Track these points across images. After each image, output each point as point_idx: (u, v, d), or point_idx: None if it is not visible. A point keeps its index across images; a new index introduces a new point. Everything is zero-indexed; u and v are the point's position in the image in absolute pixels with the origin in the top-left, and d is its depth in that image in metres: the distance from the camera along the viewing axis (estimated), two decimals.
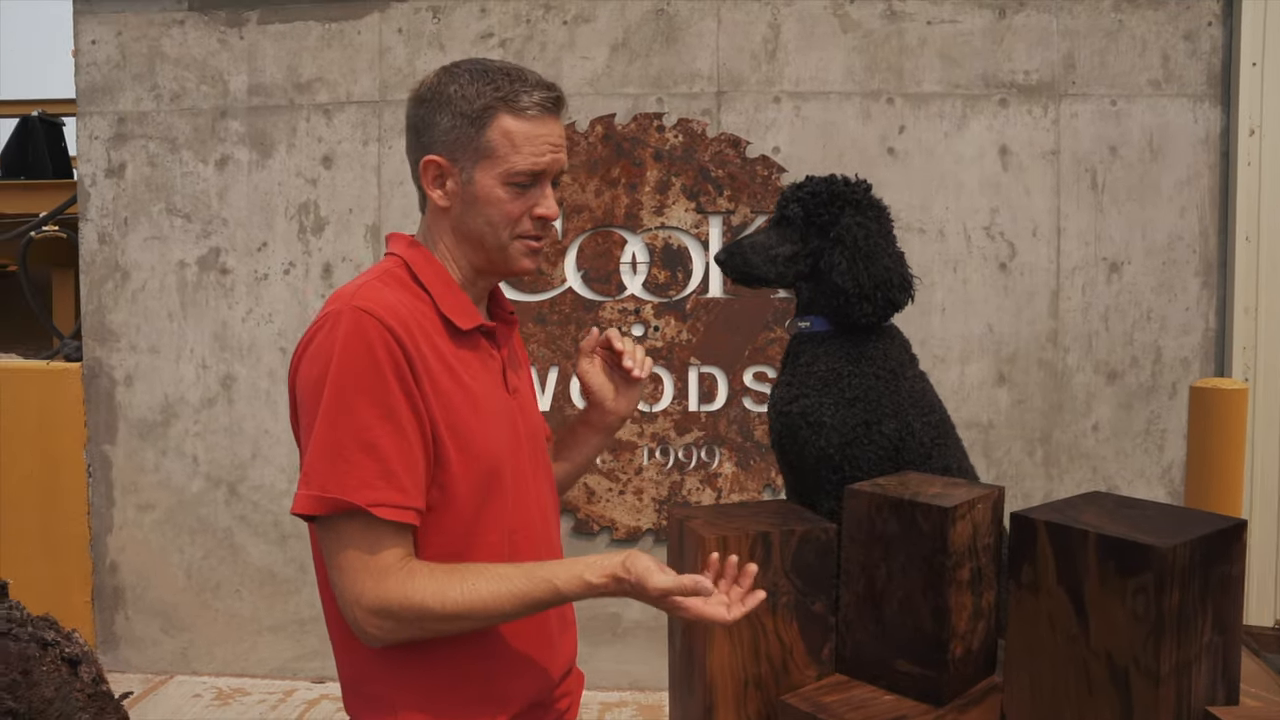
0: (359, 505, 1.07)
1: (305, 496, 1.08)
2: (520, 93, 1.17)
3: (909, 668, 1.19)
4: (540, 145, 1.19)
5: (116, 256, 3.26)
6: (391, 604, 1.08)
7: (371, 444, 1.07)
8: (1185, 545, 1.07)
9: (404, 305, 1.14)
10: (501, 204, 1.19)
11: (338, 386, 1.08)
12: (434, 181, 1.20)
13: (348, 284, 1.19)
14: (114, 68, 3.25)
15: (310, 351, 1.12)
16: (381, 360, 1.08)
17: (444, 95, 1.18)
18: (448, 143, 1.18)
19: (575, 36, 3.18)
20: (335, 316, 1.11)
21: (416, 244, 1.24)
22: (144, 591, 3.32)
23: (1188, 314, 3.15)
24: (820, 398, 1.48)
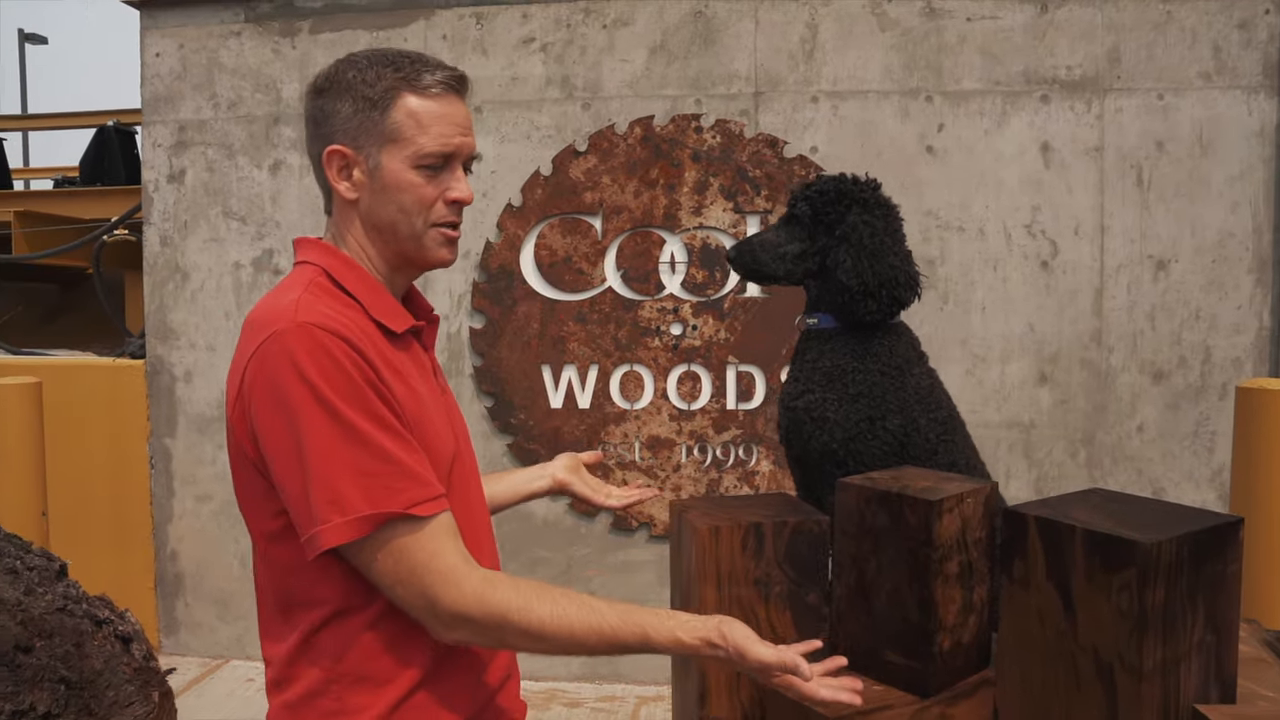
0: (397, 512, 1.03)
1: (339, 525, 1.02)
2: (421, 72, 1.13)
3: (897, 659, 1.21)
4: (448, 125, 1.14)
5: (177, 258, 3.41)
6: (473, 612, 1.04)
7: (379, 451, 1.03)
8: (1171, 541, 1.07)
9: (343, 316, 1.08)
10: (414, 188, 1.13)
11: (321, 407, 1.02)
12: (339, 173, 1.15)
13: (270, 299, 1.12)
14: (176, 79, 3.40)
15: (264, 379, 1.05)
16: (351, 371, 1.04)
17: (343, 82, 1.13)
18: (350, 130, 1.13)
19: (614, 40, 3.23)
20: (280, 338, 1.04)
21: (331, 248, 1.17)
22: (202, 579, 3.47)
23: (1240, 313, 3.06)
24: (825, 393, 1.50)
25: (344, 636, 1.10)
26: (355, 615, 1.10)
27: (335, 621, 1.10)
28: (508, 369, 3.33)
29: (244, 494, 1.14)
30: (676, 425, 3.29)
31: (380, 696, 1.10)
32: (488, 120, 3.28)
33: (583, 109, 3.25)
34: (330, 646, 1.10)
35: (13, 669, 1.61)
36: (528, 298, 3.30)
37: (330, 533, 1.02)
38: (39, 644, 1.67)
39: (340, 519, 1.02)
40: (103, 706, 1.66)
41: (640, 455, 3.29)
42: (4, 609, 1.68)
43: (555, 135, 3.26)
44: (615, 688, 3.29)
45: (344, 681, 1.10)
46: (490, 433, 3.31)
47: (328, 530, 1.02)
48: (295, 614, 1.11)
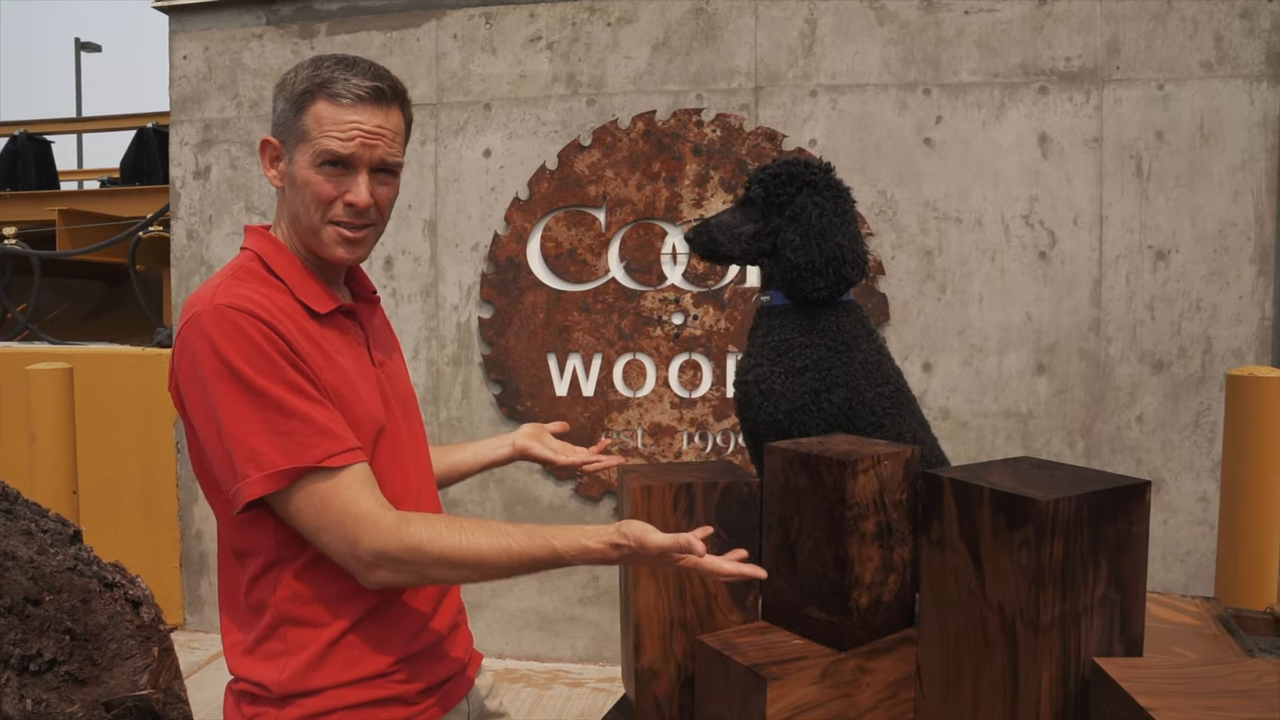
0: (310, 465, 1.11)
1: (255, 481, 1.10)
2: (338, 79, 1.20)
3: (817, 614, 1.26)
4: (349, 129, 1.20)
5: (202, 252, 3.56)
6: (391, 548, 1.11)
7: (289, 411, 1.11)
8: (1070, 500, 1.12)
9: (262, 296, 1.17)
10: (312, 185, 1.21)
11: (232, 377, 1.11)
12: (271, 162, 1.26)
13: (203, 286, 1.22)
14: (201, 79, 3.55)
15: (186, 358, 1.14)
16: (261, 343, 1.12)
17: (284, 81, 1.24)
18: (279, 125, 1.24)
19: (619, 37, 3.31)
20: (198, 319, 1.13)
21: (267, 235, 1.28)
22: None
23: (1241, 303, 3.05)
24: (772, 367, 1.57)
25: (280, 583, 1.20)
26: (289, 564, 1.20)
27: (273, 570, 1.20)
28: (515, 357, 3.42)
29: (195, 463, 1.24)
30: (678, 413, 3.35)
31: (318, 636, 1.20)
32: (496, 117, 3.37)
33: (587, 105, 3.34)
34: (269, 593, 1.20)
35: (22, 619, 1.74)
36: (534, 288, 3.40)
37: (250, 486, 1.11)
38: (48, 598, 1.80)
39: (258, 473, 1.11)
40: (105, 657, 1.78)
41: (642, 442, 3.36)
42: (17, 565, 1.81)
43: (561, 130, 3.35)
44: (616, 669, 3.36)
45: (285, 624, 1.20)
46: (498, 419, 3.41)
47: (248, 484, 1.11)
48: (238, 568, 1.23)
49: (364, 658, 1.22)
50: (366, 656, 1.22)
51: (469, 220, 3.40)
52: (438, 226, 3.42)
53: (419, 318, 3.45)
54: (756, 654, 1.23)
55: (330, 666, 1.20)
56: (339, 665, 1.20)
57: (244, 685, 1.23)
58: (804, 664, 1.21)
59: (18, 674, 1.64)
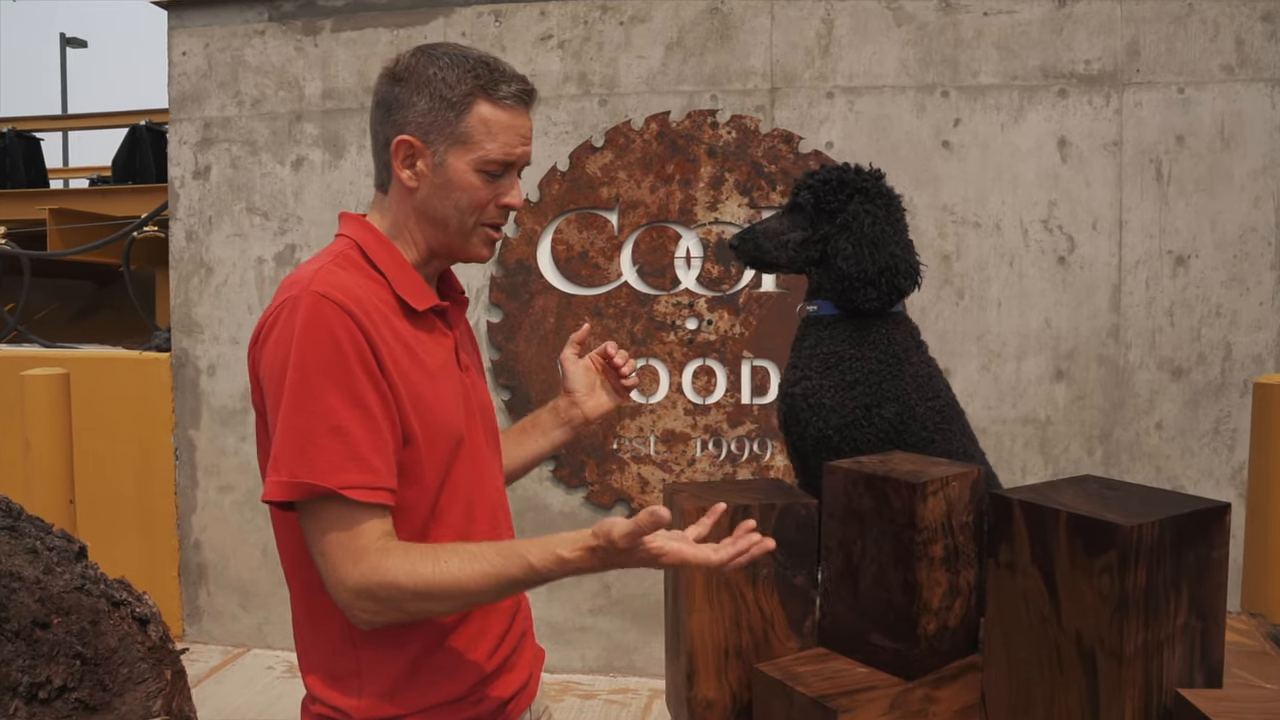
0: (330, 489, 1.07)
1: (275, 483, 1.08)
2: (499, 82, 1.19)
3: (882, 641, 1.21)
4: (514, 136, 1.21)
5: (201, 253, 3.48)
6: (370, 583, 1.07)
7: (339, 428, 1.07)
8: (1153, 525, 1.07)
9: (360, 287, 1.15)
10: (472, 190, 1.20)
11: (302, 373, 1.08)
12: (404, 161, 1.20)
13: (302, 266, 1.20)
14: (201, 77, 3.47)
15: (273, 338, 1.12)
16: (344, 345, 1.09)
17: (423, 76, 1.18)
18: (423, 124, 1.19)
19: (631, 36, 3.25)
20: (294, 302, 1.11)
21: (368, 225, 1.24)
22: (224, 568, 3.54)
23: (1261, 309, 3.02)
24: (821, 380, 1.51)
25: None
26: None
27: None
28: (525, 362, 3.36)
29: (260, 448, 1.21)
30: (691, 419, 3.30)
31: (395, 658, 1.17)
32: None
33: (599, 105, 3.28)
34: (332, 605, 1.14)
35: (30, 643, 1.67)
36: (544, 292, 3.33)
37: (270, 487, 1.09)
38: (56, 620, 1.72)
39: (276, 478, 1.08)
40: (116, 682, 1.71)
41: (655, 449, 3.31)
42: (23, 586, 1.73)
43: (572, 131, 3.29)
44: (629, 680, 3.31)
45: (360, 644, 1.17)
46: (507, 425, 3.34)
47: (269, 484, 1.09)
48: (309, 578, 1.17)
49: (444, 680, 1.19)
50: (446, 679, 1.19)
51: None
52: None
53: None
54: (820, 684, 1.18)
55: (410, 692, 1.17)
56: (419, 690, 1.17)
57: (321, 709, 1.20)
58: (873, 694, 1.15)
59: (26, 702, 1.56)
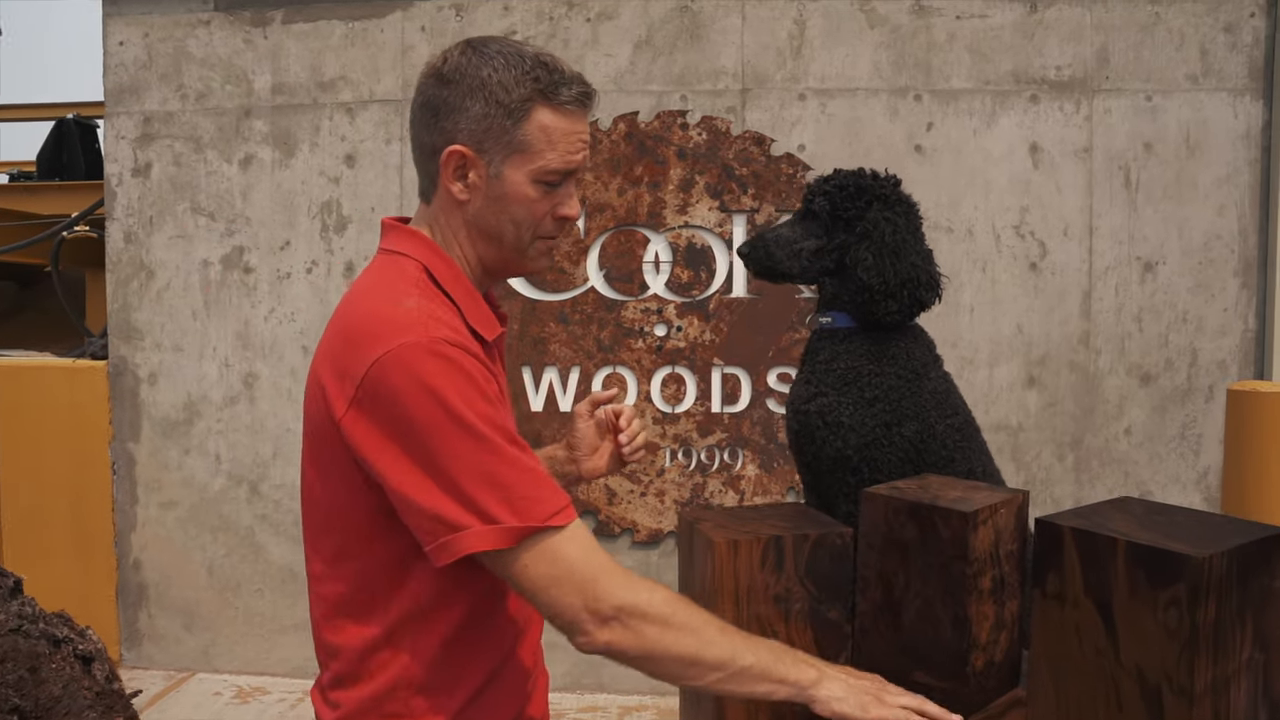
0: (540, 525, 1.02)
1: (485, 533, 1.00)
2: (559, 85, 1.09)
3: (928, 680, 1.14)
4: (575, 143, 1.12)
5: (142, 255, 3.28)
6: (640, 603, 1.03)
7: (514, 462, 1.03)
8: (1222, 555, 1.02)
9: (456, 325, 1.08)
10: (529, 203, 1.12)
11: (454, 419, 1.00)
12: (455, 173, 1.11)
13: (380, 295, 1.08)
14: (141, 68, 3.27)
15: (392, 390, 1.01)
16: (481, 386, 1.03)
17: (476, 79, 1.08)
18: (476, 132, 1.09)
19: (598, 33, 3.15)
20: (413, 351, 1.01)
21: (430, 244, 1.15)
22: (166, 589, 3.34)
23: (1225, 315, 3.06)
24: (839, 397, 1.44)
25: (421, 637, 1.10)
26: (437, 617, 1.10)
27: (409, 626, 1.10)
28: None
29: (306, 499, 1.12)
30: (660, 429, 3.22)
31: (443, 704, 1.12)
32: None
33: None
34: (407, 644, 1.10)
35: None
36: (508, 297, 3.21)
37: (472, 539, 1.01)
38: None
39: (483, 526, 1.01)
40: None
41: None
42: None
43: None
44: (597, 697, 3.21)
45: (411, 686, 1.11)
46: None
47: (469, 536, 1.01)
48: (377, 608, 1.11)
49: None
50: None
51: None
52: None
53: None
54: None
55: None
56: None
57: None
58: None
59: None
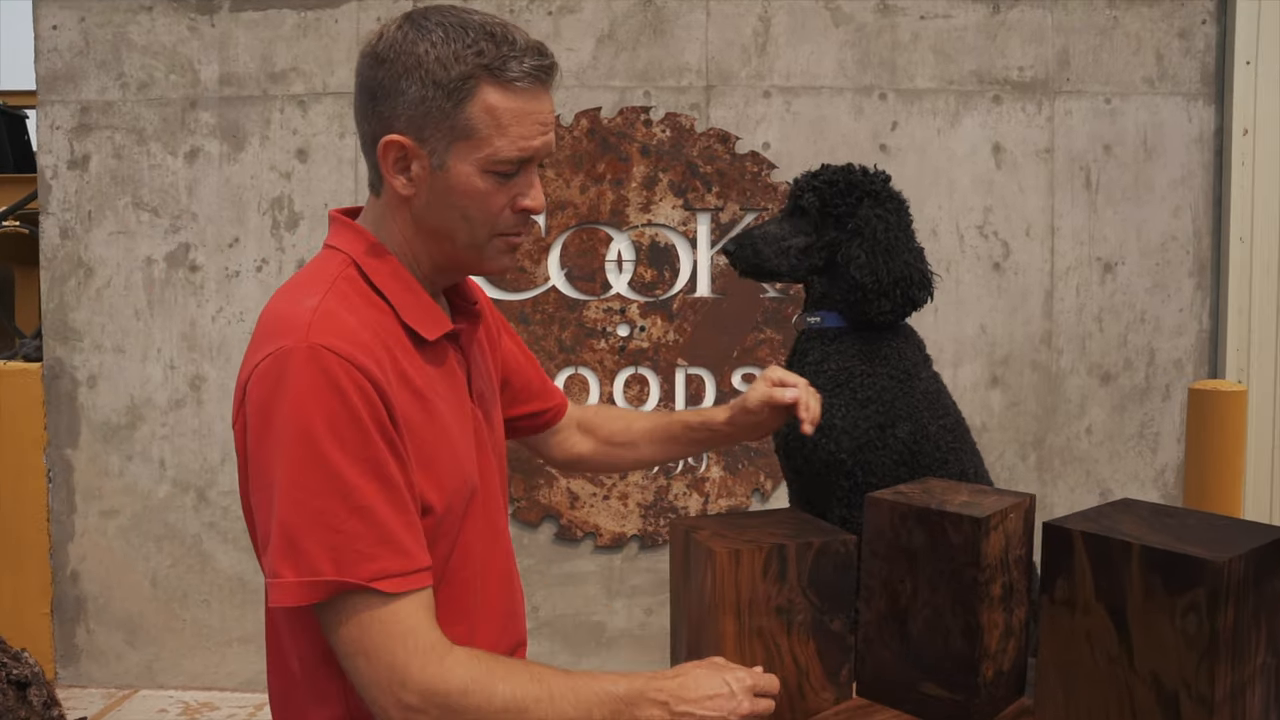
0: (360, 583, 0.90)
1: (296, 585, 0.89)
2: (508, 59, 0.97)
3: (937, 691, 1.10)
4: (530, 126, 0.99)
5: (79, 252, 3.12)
6: (450, 690, 0.91)
7: (362, 507, 0.90)
8: (1240, 559, 1.00)
9: (366, 327, 0.96)
10: (482, 196, 1.00)
11: (309, 444, 0.89)
12: (395, 165, 1.00)
13: (288, 296, 0.99)
14: (77, 55, 3.11)
15: (261, 399, 0.92)
16: (358, 408, 0.90)
17: (412, 57, 0.96)
18: (415, 118, 0.97)
19: (560, 27, 3.09)
20: (287, 356, 0.91)
21: (366, 237, 1.04)
22: (107, 602, 3.18)
23: (1181, 315, 3.11)
24: (831, 399, 1.40)
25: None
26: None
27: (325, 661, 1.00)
28: None
29: (244, 504, 1.01)
30: None
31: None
32: None
33: None
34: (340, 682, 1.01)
35: None
36: None
37: (282, 590, 0.90)
38: None
39: (296, 578, 0.89)
40: None
41: None
42: None
43: None
44: None
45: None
46: None
47: (279, 586, 0.90)
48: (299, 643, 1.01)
49: None
50: None
51: None
52: None
53: None
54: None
55: None
56: None
57: None
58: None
59: None
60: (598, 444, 1.40)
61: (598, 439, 1.41)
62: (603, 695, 0.96)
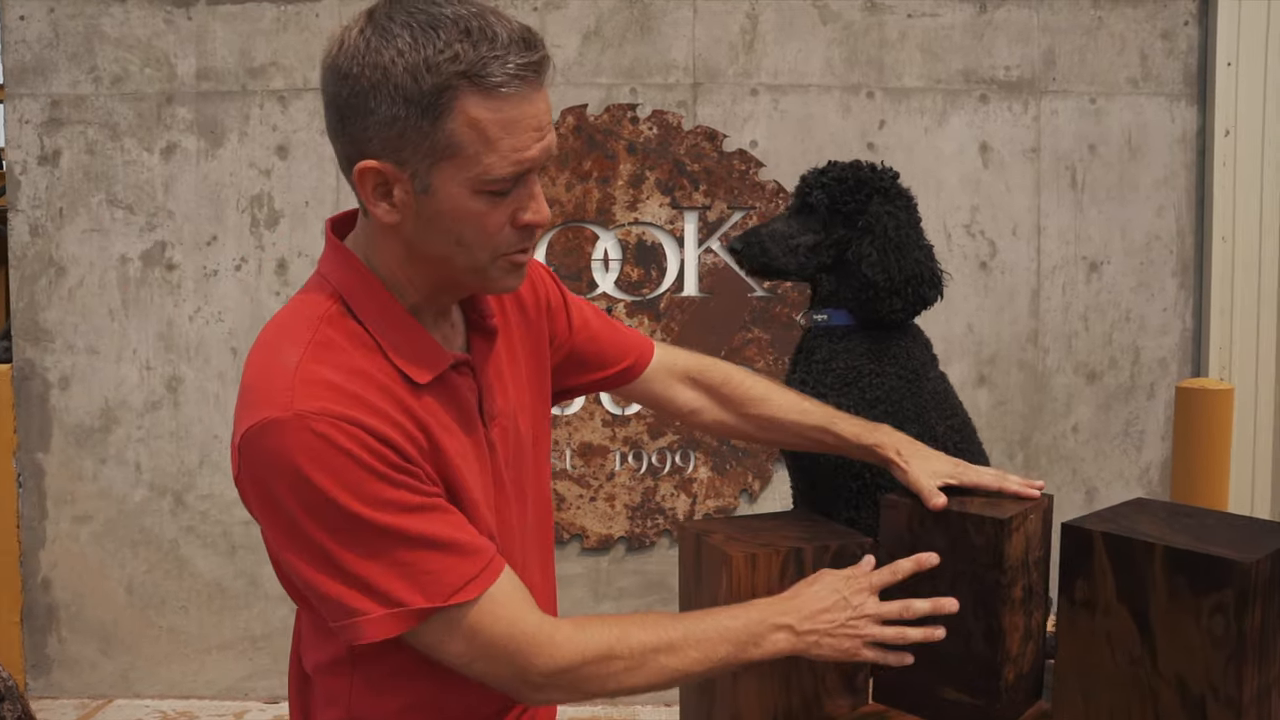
0: (446, 604, 0.88)
1: (385, 618, 0.87)
2: (489, 62, 0.84)
3: (957, 696, 1.09)
4: (523, 135, 0.87)
5: (51, 250, 3.04)
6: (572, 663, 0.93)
7: (414, 538, 0.87)
8: (1267, 559, 0.98)
9: (354, 378, 0.88)
10: (476, 218, 0.89)
11: (334, 508, 0.85)
12: (375, 192, 0.89)
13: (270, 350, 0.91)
14: (46, 47, 3.03)
15: (258, 474, 0.87)
16: (363, 458, 0.85)
17: (377, 69, 0.84)
18: (389, 139, 0.86)
19: (546, 23, 3.05)
20: (277, 433, 0.84)
21: (355, 265, 0.96)
22: (80, 610, 3.10)
23: (1165, 314, 3.13)
24: (839, 398, 1.38)
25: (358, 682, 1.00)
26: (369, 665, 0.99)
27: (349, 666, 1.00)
28: None
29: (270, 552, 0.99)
30: (610, 431, 3.13)
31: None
32: None
33: None
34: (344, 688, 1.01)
35: None
36: None
37: (373, 625, 0.88)
38: None
39: (383, 610, 0.87)
40: None
41: (571, 463, 3.12)
42: None
43: None
44: None
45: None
46: None
47: (369, 622, 0.88)
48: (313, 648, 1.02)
49: None
50: None
51: None
52: None
53: None
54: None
55: None
56: None
57: None
58: None
59: None
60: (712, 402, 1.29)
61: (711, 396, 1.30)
62: (723, 632, 0.98)
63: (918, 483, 1.13)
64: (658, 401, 1.29)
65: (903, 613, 1.06)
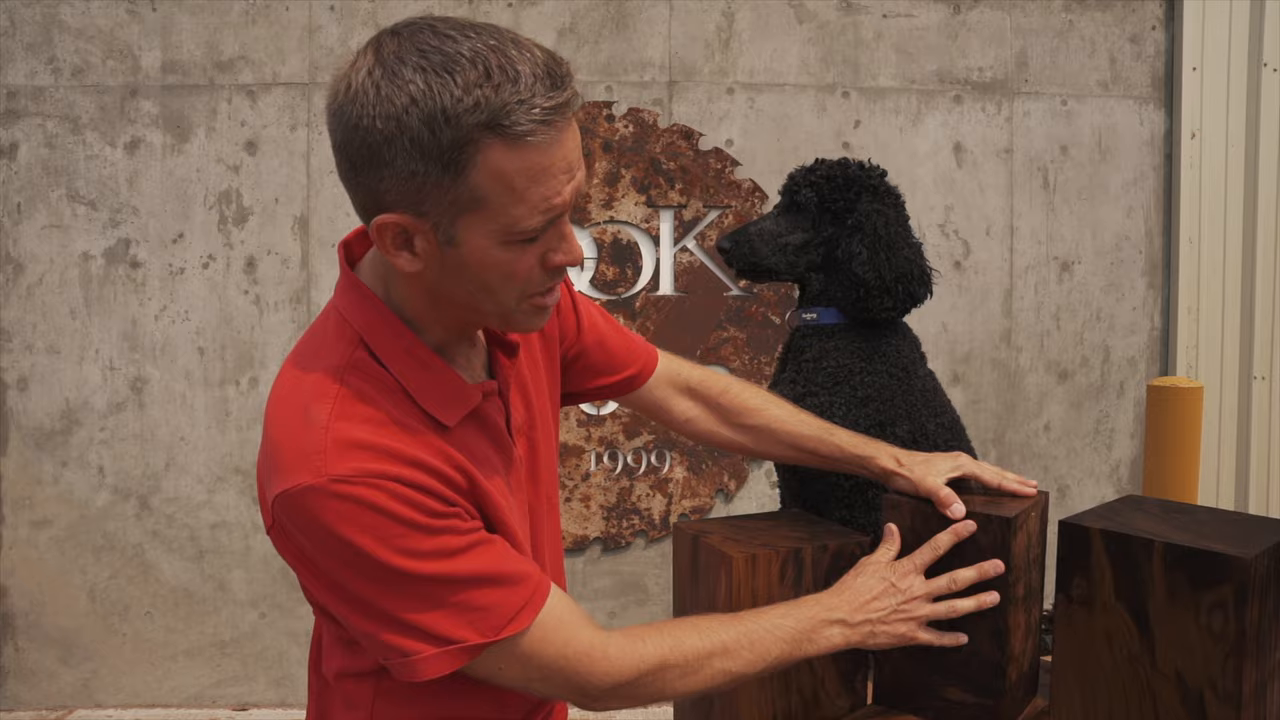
0: (501, 638, 0.88)
1: (440, 655, 0.86)
2: (513, 108, 0.77)
3: (960, 695, 1.08)
4: (552, 183, 0.82)
5: (8, 247, 2.95)
6: (628, 676, 0.93)
7: (462, 580, 0.86)
8: (1264, 554, 0.99)
9: (384, 430, 0.85)
10: (504, 266, 0.85)
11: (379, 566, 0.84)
12: (394, 242, 0.85)
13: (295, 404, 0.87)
14: (2, 35, 2.94)
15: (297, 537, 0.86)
16: (402, 513, 0.83)
17: (391, 120, 0.78)
18: (408, 192, 0.80)
19: (520, 20, 3.02)
20: (315, 499, 0.82)
21: (373, 304, 0.91)
22: (39, 618, 3.01)
23: (1134, 314, 3.17)
24: (830, 396, 1.37)
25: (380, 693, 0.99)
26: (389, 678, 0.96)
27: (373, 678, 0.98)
28: None
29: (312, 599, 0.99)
30: (585, 431, 3.10)
31: None
32: None
33: None
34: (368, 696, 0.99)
35: None
36: None
37: (429, 663, 0.87)
38: None
39: (436, 649, 0.87)
40: None
41: None
42: None
43: None
44: None
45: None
46: None
47: (424, 661, 0.87)
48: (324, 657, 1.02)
49: None
50: None
51: (348, 218, 2.99)
52: (310, 224, 2.99)
53: (287, 329, 3.00)
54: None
55: None
56: None
57: None
58: None
59: None
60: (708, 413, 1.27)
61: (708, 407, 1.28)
62: (776, 632, 0.99)
63: (928, 488, 1.12)
64: (655, 409, 1.28)
65: (950, 586, 1.06)
